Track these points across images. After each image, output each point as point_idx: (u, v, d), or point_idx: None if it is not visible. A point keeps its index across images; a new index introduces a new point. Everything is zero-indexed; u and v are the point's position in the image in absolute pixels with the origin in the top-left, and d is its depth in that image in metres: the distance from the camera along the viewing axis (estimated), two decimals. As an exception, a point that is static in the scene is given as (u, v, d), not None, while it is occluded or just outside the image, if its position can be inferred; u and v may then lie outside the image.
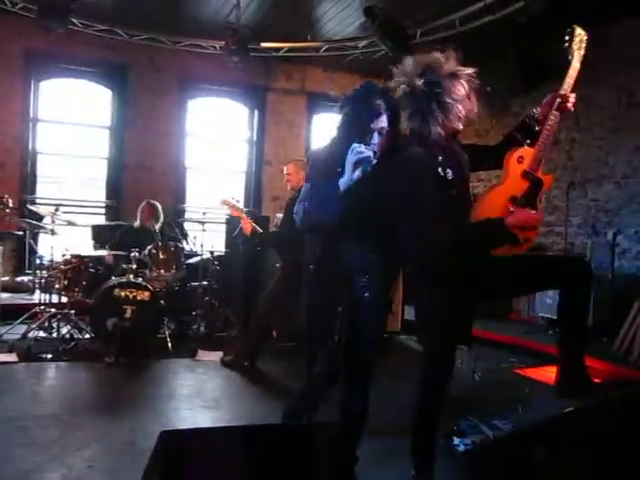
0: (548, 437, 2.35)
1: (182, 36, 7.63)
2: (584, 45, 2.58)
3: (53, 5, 6.18)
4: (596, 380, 2.82)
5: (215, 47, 7.59)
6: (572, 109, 2.59)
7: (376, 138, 2.77)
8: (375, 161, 2.73)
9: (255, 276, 6.23)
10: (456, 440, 3.19)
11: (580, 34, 2.59)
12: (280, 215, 6.04)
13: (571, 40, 2.58)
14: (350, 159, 2.76)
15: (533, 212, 2.41)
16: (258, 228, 5.00)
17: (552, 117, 2.56)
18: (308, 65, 8.50)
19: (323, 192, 2.89)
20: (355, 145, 2.77)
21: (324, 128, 9.05)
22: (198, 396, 4.27)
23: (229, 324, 6.21)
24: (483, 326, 5.56)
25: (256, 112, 8.79)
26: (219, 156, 8.79)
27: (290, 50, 7.73)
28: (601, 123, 6.87)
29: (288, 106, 8.78)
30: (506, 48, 6.31)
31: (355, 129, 2.80)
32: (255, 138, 8.79)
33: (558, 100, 2.55)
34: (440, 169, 2.32)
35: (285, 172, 4.95)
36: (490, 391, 4.43)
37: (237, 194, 8.68)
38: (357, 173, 2.71)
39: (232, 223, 6.52)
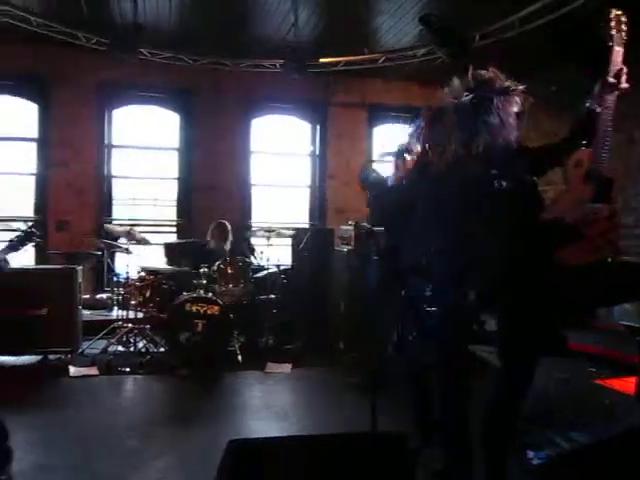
0: (628, 450, 2.23)
1: (243, 57, 7.87)
2: (624, 26, 2.44)
3: (124, 38, 6.54)
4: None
5: (275, 65, 7.77)
6: (627, 85, 2.43)
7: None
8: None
9: (322, 288, 6.28)
10: (530, 454, 3.07)
11: (617, 15, 2.46)
12: (344, 227, 6.07)
13: (608, 24, 2.45)
14: None
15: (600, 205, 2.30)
16: None
17: (608, 102, 2.42)
18: (367, 77, 8.54)
19: None
20: None
21: (384, 139, 9.06)
22: (268, 407, 4.34)
23: (297, 336, 6.27)
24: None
25: (318, 127, 8.90)
26: (283, 172, 8.96)
27: (348, 64, 7.80)
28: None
29: (349, 119, 8.85)
30: (569, 46, 6.08)
31: None
32: (318, 152, 8.90)
33: (610, 81, 2.41)
34: (495, 182, 2.30)
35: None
36: (567, 402, 4.24)
37: (302, 208, 8.87)
38: None
39: (298, 236, 6.62)
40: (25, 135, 7.89)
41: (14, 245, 2.93)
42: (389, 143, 8.99)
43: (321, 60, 7.63)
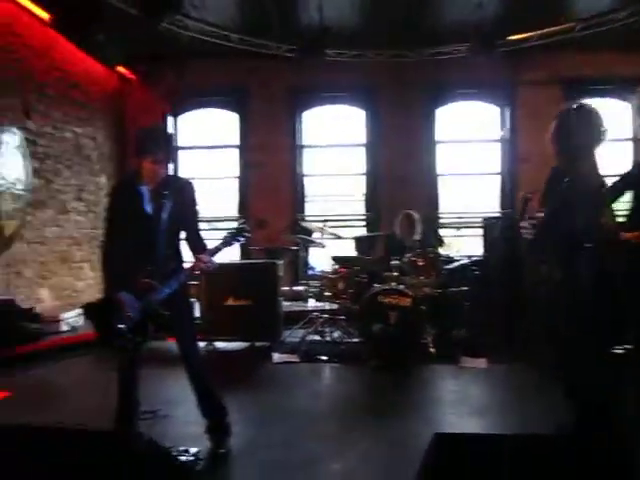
0: None
1: (426, 46, 7.75)
2: None
3: (311, 42, 6.88)
4: None
5: (459, 50, 7.52)
6: None
7: None
8: None
9: (517, 279, 5.92)
10: None
11: None
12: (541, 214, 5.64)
13: None
14: None
15: None
16: None
17: None
18: (560, 50, 7.83)
19: None
20: None
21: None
22: (464, 402, 4.22)
23: (491, 330, 6.00)
24: None
25: (507, 109, 8.42)
26: (471, 160, 8.64)
27: (540, 37, 7.23)
28: None
29: (541, 98, 8.20)
30: None
31: None
32: (508, 136, 8.42)
33: None
34: None
35: None
36: None
37: (492, 196, 8.48)
38: None
39: (489, 226, 6.34)
40: (228, 143, 8.73)
41: (227, 241, 3.21)
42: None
43: (510, 38, 7.19)
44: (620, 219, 3.49)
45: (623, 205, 3.69)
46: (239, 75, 8.32)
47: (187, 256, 3.31)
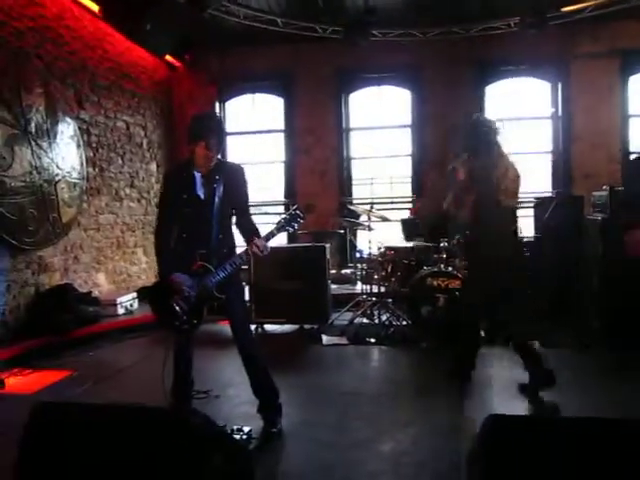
0: None
1: (474, 22, 7.53)
2: None
3: (357, 23, 6.79)
4: None
5: (509, 25, 7.28)
6: None
7: None
8: None
9: (570, 261, 5.75)
10: None
11: None
12: (597, 193, 5.47)
13: None
14: None
15: None
16: None
17: None
18: (617, 21, 7.46)
19: None
20: None
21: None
22: (513, 386, 4.15)
23: (542, 314, 5.86)
24: None
25: (559, 84, 8.12)
26: (522, 138, 8.38)
27: (596, 8, 6.90)
28: None
29: (597, 72, 7.86)
30: None
31: None
32: (561, 113, 8.12)
33: None
34: None
35: None
36: None
37: (544, 175, 8.23)
38: None
39: (542, 206, 6.16)
40: (274, 127, 8.77)
41: (282, 226, 3.23)
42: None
43: (563, 9, 6.89)
44: None
45: None
46: (284, 59, 8.32)
47: (239, 240, 3.37)
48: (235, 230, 3.37)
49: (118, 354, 5.38)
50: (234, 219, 3.36)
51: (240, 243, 3.35)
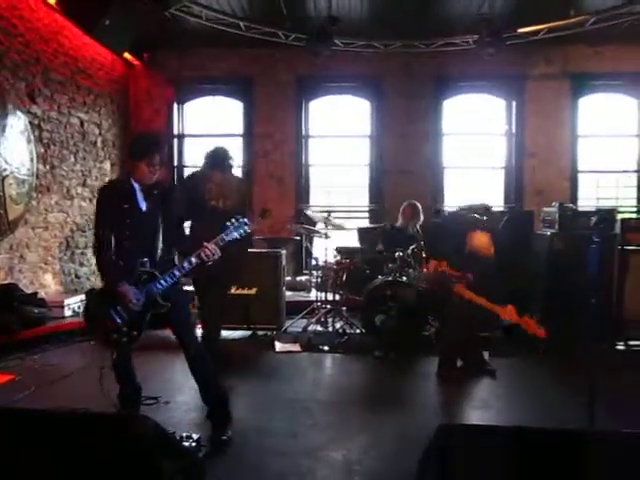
0: None
1: (434, 38, 7.69)
2: None
3: (320, 31, 6.82)
4: None
5: (468, 42, 7.46)
6: None
7: None
8: None
9: (519, 273, 5.91)
10: None
11: None
12: (547, 209, 5.65)
13: None
14: None
15: None
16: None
17: None
18: (570, 44, 7.77)
19: None
20: None
21: (591, 112, 8.22)
22: (467, 395, 4.23)
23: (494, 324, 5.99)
24: None
25: (514, 103, 8.38)
26: (476, 153, 8.60)
27: (550, 31, 7.17)
28: None
29: (550, 92, 8.16)
30: None
31: None
32: (515, 130, 8.38)
33: None
34: None
35: None
36: None
37: (496, 190, 8.46)
38: None
39: (494, 220, 6.30)
40: (233, 131, 8.69)
41: (230, 232, 3.23)
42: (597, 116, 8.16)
43: (519, 30, 7.13)
44: None
45: None
46: (245, 63, 8.27)
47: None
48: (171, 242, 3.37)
49: (64, 358, 5.19)
50: (170, 231, 3.34)
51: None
